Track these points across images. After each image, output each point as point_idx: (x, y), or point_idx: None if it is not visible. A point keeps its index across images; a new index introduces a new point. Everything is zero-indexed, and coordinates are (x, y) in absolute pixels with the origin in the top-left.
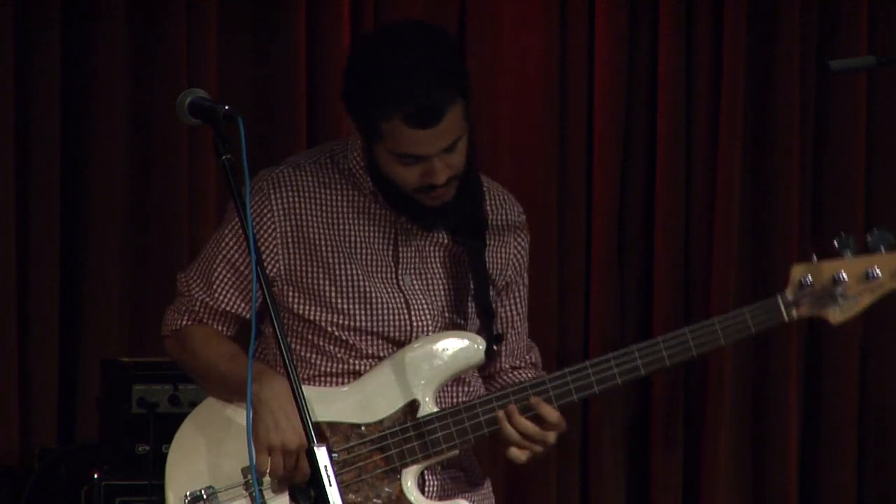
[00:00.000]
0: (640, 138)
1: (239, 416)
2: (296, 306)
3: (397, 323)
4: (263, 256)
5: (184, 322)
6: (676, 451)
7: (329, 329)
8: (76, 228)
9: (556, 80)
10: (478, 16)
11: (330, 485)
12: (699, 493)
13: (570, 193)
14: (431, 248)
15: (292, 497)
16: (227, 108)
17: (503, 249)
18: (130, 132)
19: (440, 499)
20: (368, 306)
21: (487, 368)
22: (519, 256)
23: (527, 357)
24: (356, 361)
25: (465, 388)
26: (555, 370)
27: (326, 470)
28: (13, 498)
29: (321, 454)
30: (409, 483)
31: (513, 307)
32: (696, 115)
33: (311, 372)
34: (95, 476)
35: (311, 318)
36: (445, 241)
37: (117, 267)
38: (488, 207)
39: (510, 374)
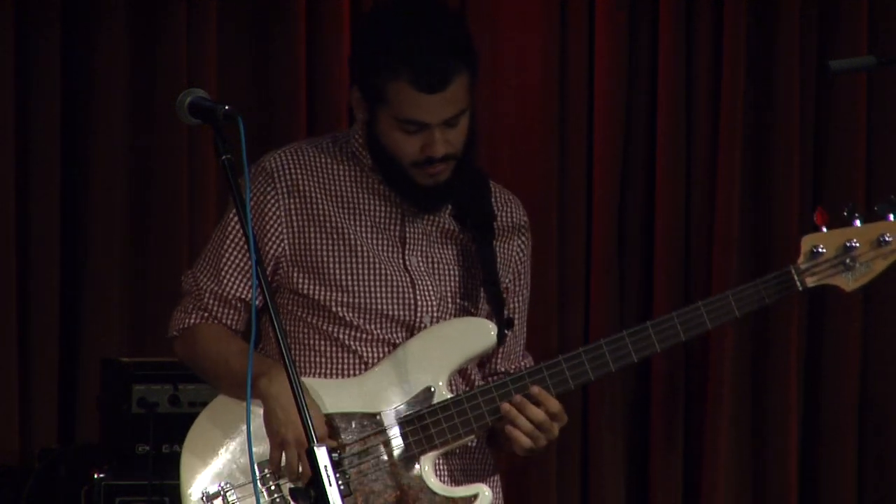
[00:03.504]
0: (640, 138)
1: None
2: (301, 287)
3: (402, 301)
4: (269, 236)
5: (192, 320)
6: (676, 451)
7: (334, 309)
8: (76, 228)
9: (556, 79)
10: (478, 16)
11: (330, 485)
12: (699, 493)
13: (570, 193)
14: (439, 234)
15: (293, 497)
16: (227, 107)
17: (507, 247)
18: (130, 132)
19: (455, 485)
20: (374, 283)
21: (486, 366)
22: (522, 257)
23: (522, 363)
24: (362, 347)
25: (468, 385)
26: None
27: (326, 470)
28: (13, 498)
29: (321, 454)
30: (427, 469)
31: (513, 312)
32: (696, 115)
33: (318, 360)
34: (95, 476)
35: (317, 297)
36: (453, 229)
37: (117, 267)
38: (494, 204)
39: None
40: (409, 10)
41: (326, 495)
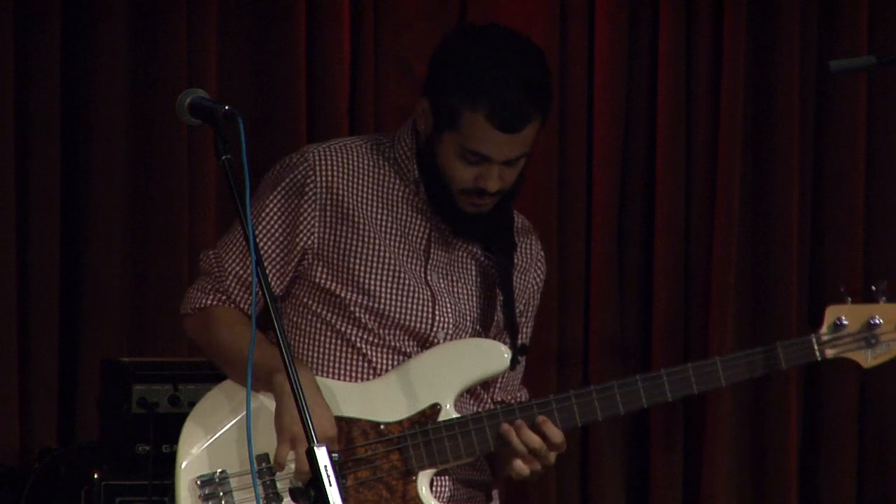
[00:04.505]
0: (640, 138)
1: (257, 401)
2: (322, 281)
3: (421, 314)
4: (301, 226)
5: (209, 301)
6: (676, 451)
7: (352, 309)
8: (76, 228)
9: (556, 79)
10: (478, 15)
11: (330, 485)
12: (699, 493)
13: (570, 193)
14: (462, 256)
15: (292, 497)
16: (227, 108)
17: (524, 279)
18: (130, 132)
19: (451, 502)
20: (395, 291)
21: (484, 394)
22: (534, 291)
23: (517, 395)
24: (372, 351)
25: (478, 404)
26: (555, 370)
27: (326, 470)
28: (13, 498)
29: (321, 454)
30: (424, 487)
31: (522, 336)
32: (696, 115)
33: (327, 357)
34: (95, 476)
35: (338, 294)
36: (477, 254)
37: (117, 267)
38: (515, 235)
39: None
40: (501, 43)
41: (326, 495)
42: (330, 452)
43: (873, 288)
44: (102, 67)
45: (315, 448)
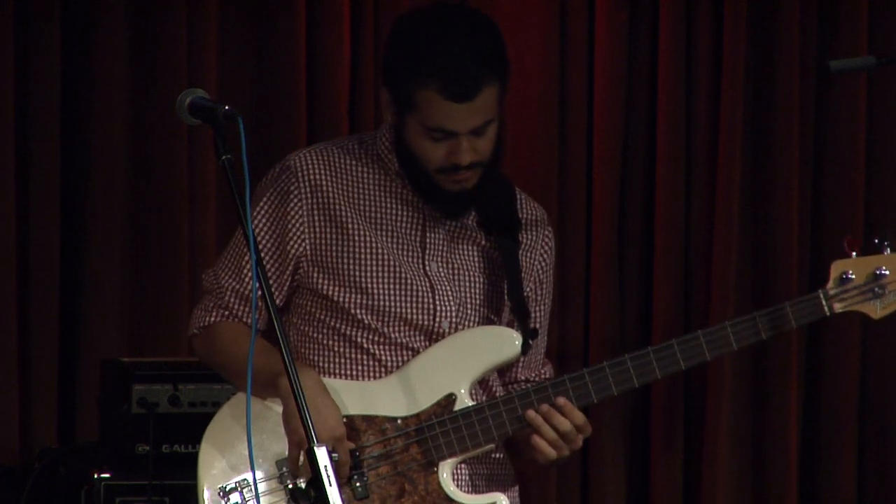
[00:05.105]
0: (640, 139)
1: (271, 409)
2: (320, 287)
3: (421, 306)
4: (291, 234)
5: (212, 318)
6: (676, 451)
7: (353, 311)
8: (76, 228)
9: (556, 79)
10: None
11: (330, 485)
12: (699, 493)
13: (570, 193)
14: (462, 241)
15: (293, 497)
16: (227, 107)
17: (531, 256)
18: (130, 132)
19: (473, 492)
20: (393, 286)
21: (506, 374)
22: (544, 266)
23: (541, 371)
24: (380, 350)
25: (486, 392)
26: (555, 370)
27: (326, 470)
28: (13, 498)
29: (321, 454)
30: (446, 476)
31: (535, 320)
32: (696, 116)
33: (337, 361)
34: (95, 476)
35: (336, 298)
36: (479, 237)
37: (117, 267)
38: (519, 212)
39: (522, 387)
40: (442, 18)
41: (326, 495)
42: (330, 452)
43: (876, 241)
44: (102, 67)
45: (315, 448)
